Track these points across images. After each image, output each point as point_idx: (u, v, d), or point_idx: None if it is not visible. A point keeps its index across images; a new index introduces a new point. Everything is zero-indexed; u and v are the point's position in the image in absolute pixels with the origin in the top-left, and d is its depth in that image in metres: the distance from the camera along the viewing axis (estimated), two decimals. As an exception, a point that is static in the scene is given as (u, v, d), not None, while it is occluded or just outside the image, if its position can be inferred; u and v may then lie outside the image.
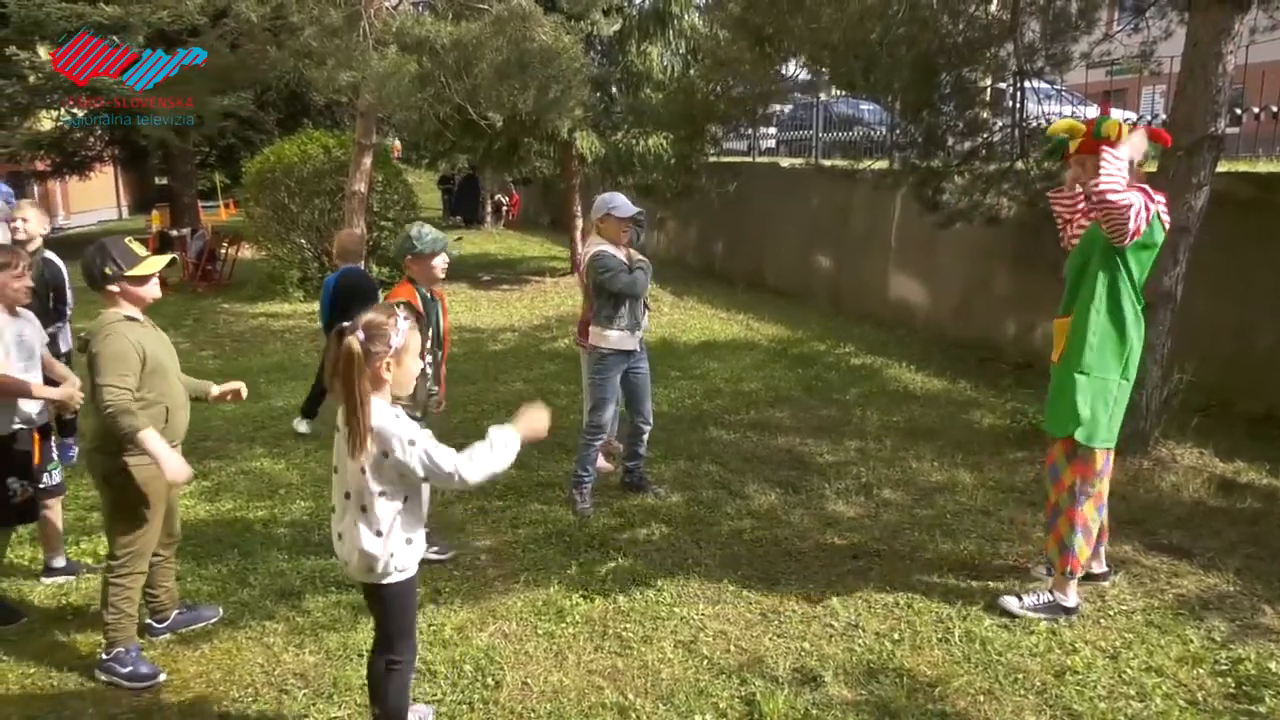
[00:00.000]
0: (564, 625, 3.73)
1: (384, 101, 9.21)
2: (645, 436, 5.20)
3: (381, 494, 2.56)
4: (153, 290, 3.42)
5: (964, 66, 6.87)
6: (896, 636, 3.64)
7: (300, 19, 8.69)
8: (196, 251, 13.66)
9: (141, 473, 3.28)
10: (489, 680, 3.34)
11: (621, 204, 4.81)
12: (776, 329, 10.01)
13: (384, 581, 2.65)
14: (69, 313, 5.50)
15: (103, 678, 3.35)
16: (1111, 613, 3.81)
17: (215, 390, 3.74)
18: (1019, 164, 7.04)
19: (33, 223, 5.16)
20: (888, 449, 5.93)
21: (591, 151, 12.53)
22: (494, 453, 2.61)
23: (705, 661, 3.47)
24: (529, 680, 3.35)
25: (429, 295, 4.36)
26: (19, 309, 3.86)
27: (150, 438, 3.17)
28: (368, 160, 10.63)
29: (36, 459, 3.96)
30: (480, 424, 6.49)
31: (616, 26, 11.60)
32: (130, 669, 3.35)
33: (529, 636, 3.66)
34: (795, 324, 10.16)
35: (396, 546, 2.62)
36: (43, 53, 16.39)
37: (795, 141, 13.91)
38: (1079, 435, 3.65)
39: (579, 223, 14.16)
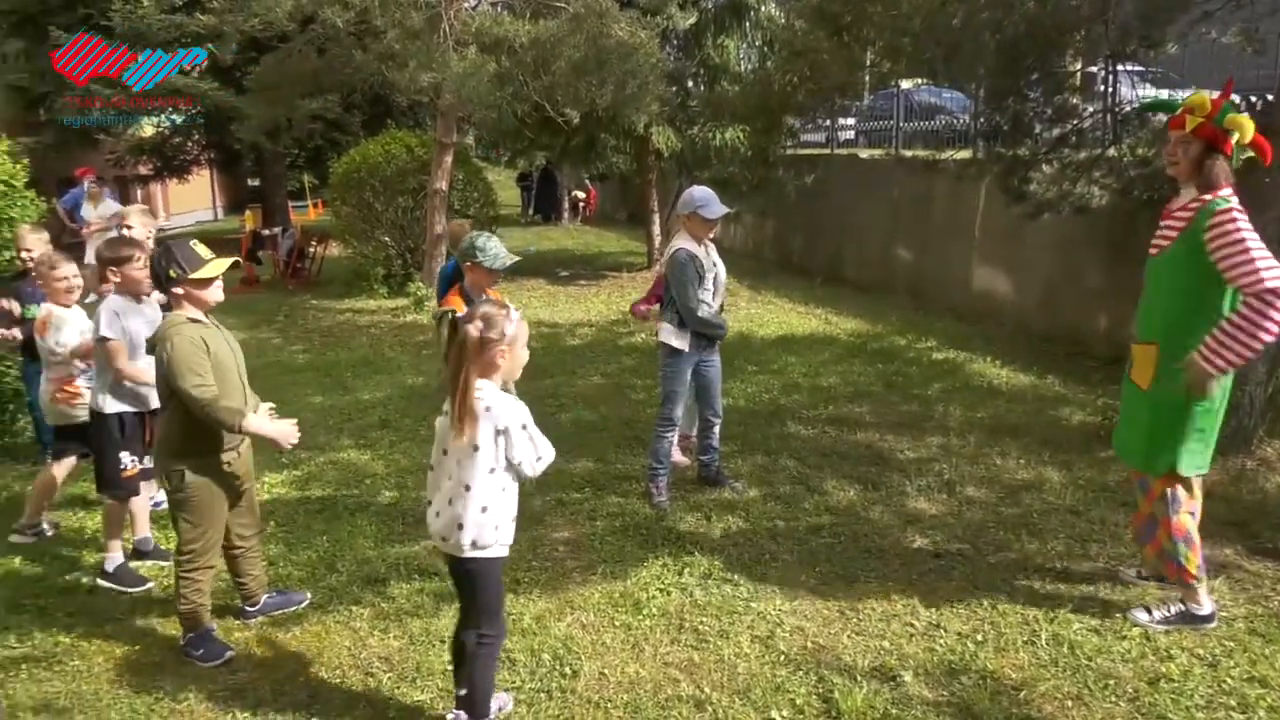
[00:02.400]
0: (641, 617, 3.76)
1: (464, 101, 9.38)
2: (715, 430, 5.17)
3: (490, 471, 2.73)
4: (216, 293, 3.48)
5: (1052, 50, 6.63)
6: (980, 637, 3.56)
7: (383, 23, 8.91)
8: (287, 250, 14.13)
9: (198, 477, 3.38)
10: (567, 669, 3.38)
11: (710, 204, 4.76)
12: (855, 323, 9.86)
13: (480, 555, 2.79)
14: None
15: (186, 657, 3.51)
16: (1211, 622, 3.65)
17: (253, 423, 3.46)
18: (1111, 151, 6.78)
19: (137, 229, 5.43)
20: (971, 446, 5.79)
21: (668, 146, 12.53)
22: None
23: (782, 657, 3.45)
24: (606, 671, 3.38)
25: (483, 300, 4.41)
26: (144, 297, 4.11)
27: (252, 422, 3.35)
28: (449, 159, 10.84)
29: (148, 440, 4.18)
30: (558, 418, 6.58)
31: (692, 20, 11.56)
32: (204, 650, 3.51)
33: (606, 628, 3.69)
34: (875, 318, 9.98)
35: (499, 521, 2.79)
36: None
37: (875, 132, 13.66)
38: (1183, 469, 3.44)
39: (656, 218, 14.19)
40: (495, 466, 2.74)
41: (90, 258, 8.16)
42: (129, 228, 5.43)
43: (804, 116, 9.85)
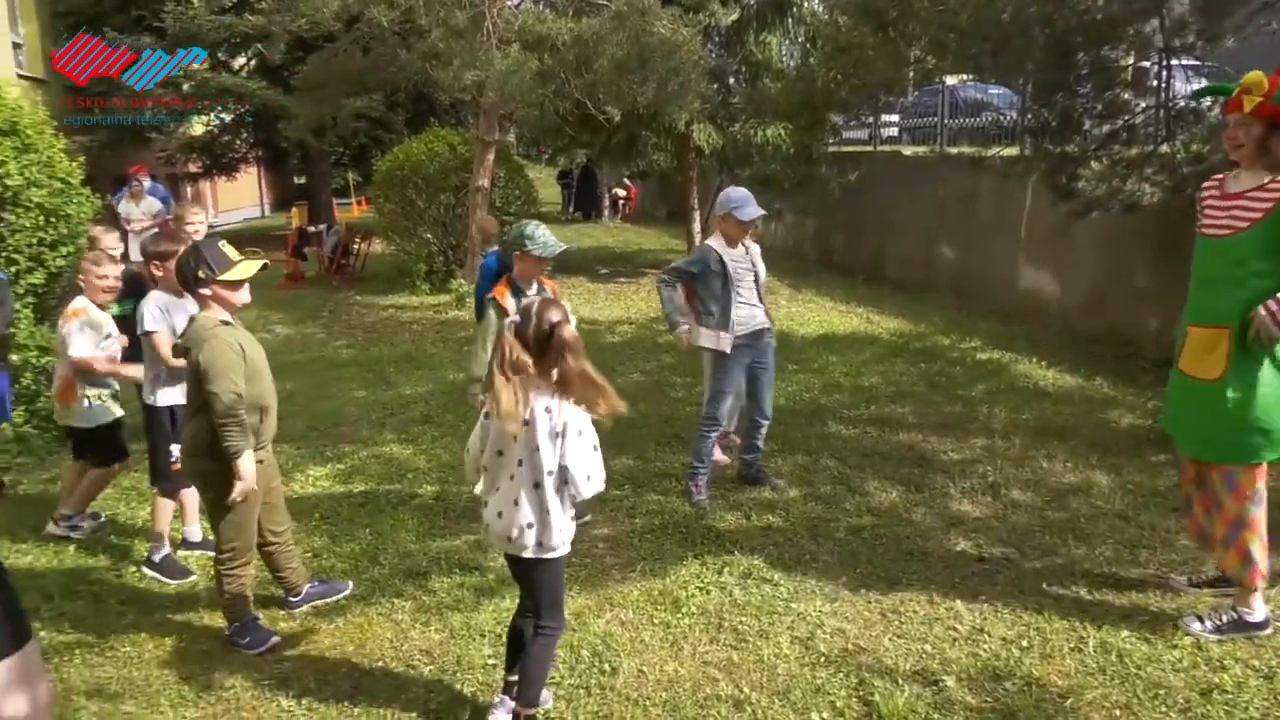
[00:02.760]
0: (680, 616, 3.75)
1: (506, 99, 9.44)
2: (764, 431, 5.16)
3: (550, 473, 2.73)
4: (244, 295, 3.49)
5: (1104, 45, 6.50)
6: (1025, 643, 3.49)
7: (428, 21, 8.99)
8: (331, 247, 14.32)
9: (231, 476, 3.40)
10: (606, 666, 3.39)
11: (745, 205, 4.73)
12: (898, 322, 9.75)
13: (546, 557, 2.80)
14: None
15: (232, 645, 3.58)
16: (1265, 629, 3.55)
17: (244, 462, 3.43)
18: (1164, 147, 6.63)
19: (199, 226, 5.60)
20: (1016, 448, 5.70)
21: (709, 143, 12.49)
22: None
23: (822, 659, 3.43)
24: (645, 668, 3.38)
25: (533, 290, 4.40)
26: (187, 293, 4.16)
27: (247, 460, 3.34)
28: (490, 156, 10.92)
29: None
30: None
31: (734, 16, 11.51)
32: (249, 638, 3.57)
33: (645, 625, 3.69)
34: (917, 317, 9.87)
35: (562, 523, 2.80)
36: (195, 63, 17.51)
37: (919, 129, 13.49)
38: (1269, 456, 3.33)
39: (696, 215, 14.15)
40: (554, 469, 2.73)
41: (136, 255, 8.34)
42: (190, 224, 5.56)
43: (847, 113, 9.78)
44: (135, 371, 4.36)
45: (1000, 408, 6.52)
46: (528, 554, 2.81)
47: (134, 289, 4.71)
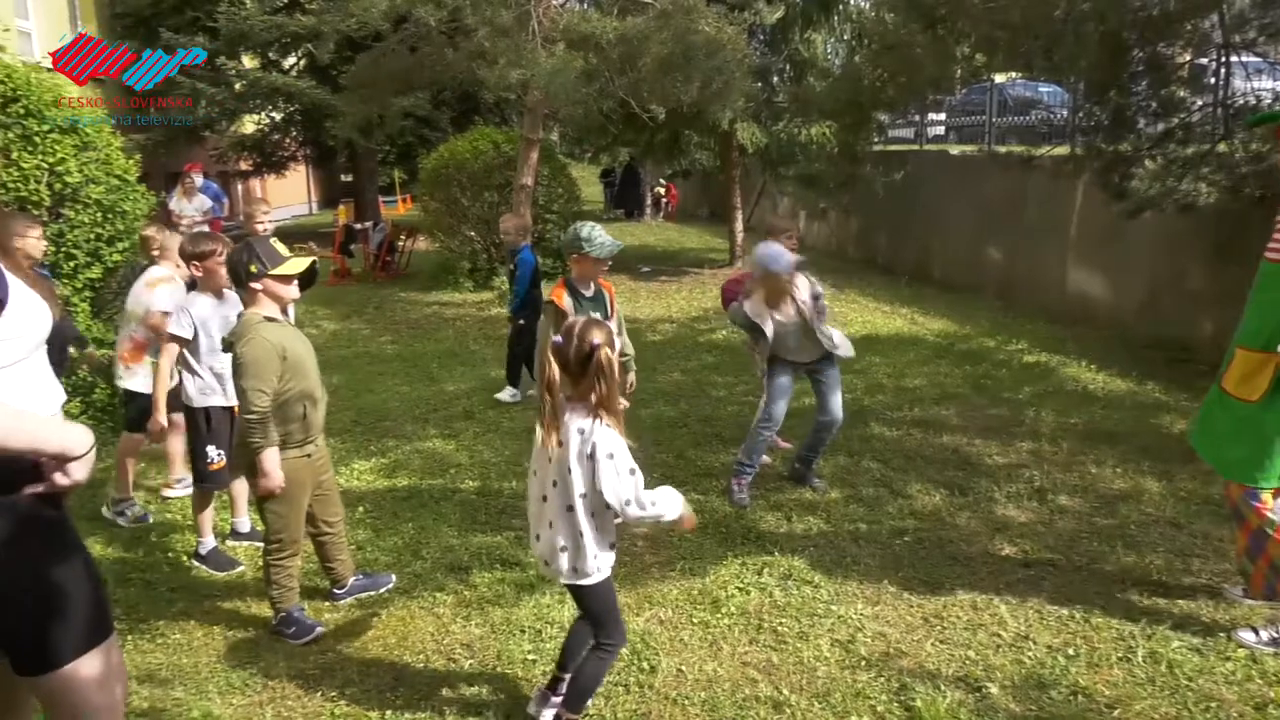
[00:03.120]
0: (719, 616, 3.74)
1: (551, 97, 9.48)
2: (828, 436, 5.04)
3: (582, 496, 2.66)
4: (292, 291, 3.52)
5: (1160, 41, 6.36)
6: (1071, 652, 3.43)
7: (474, 21, 9.06)
8: (377, 244, 14.50)
9: (285, 465, 3.46)
10: (645, 665, 3.39)
11: (780, 258, 4.69)
12: (942, 324, 9.63)
13: (581, 583, 2.76)
14: None
15: (277, 635, 3.64)
16: (1323, 641, 3.45)
17: (268, 459, 3.47)
18: (1221, 146, 6.46)
19: (268, 226, 5.78)
20: (1064, 452, 5.60)
21: (752, 142, 12.44)
22: (667, 503, 2.72)
23: (863, 662, 3.40)
24: (684, 668, 3.38)
25: (591, 292, 4.44)
26: (224, 292, 4.22)
27: (268, 457, 3.37)
28: (534, 155, 10.97)
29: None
30: (638, 413, 6.59)
31: (779, 14, 11.43)
32: (294, 628, 3.63)
33: (684, 624, 3.69)
34: (962, 319, 9.74)
35: (596, 550, 2.73)
36: (247, 62, 17.89)
37: (966, 127, 13.32)
38: None
39: (739, 215, 14.10)
40: (587, 492, 2.66)
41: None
42: (259, 222, 5.72)
43: (894, 112, 9.66)
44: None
45: (1047, 411, 6.40)
46: (563, 579, 2.77)
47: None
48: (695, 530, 2.84)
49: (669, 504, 2.72)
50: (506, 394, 7.05)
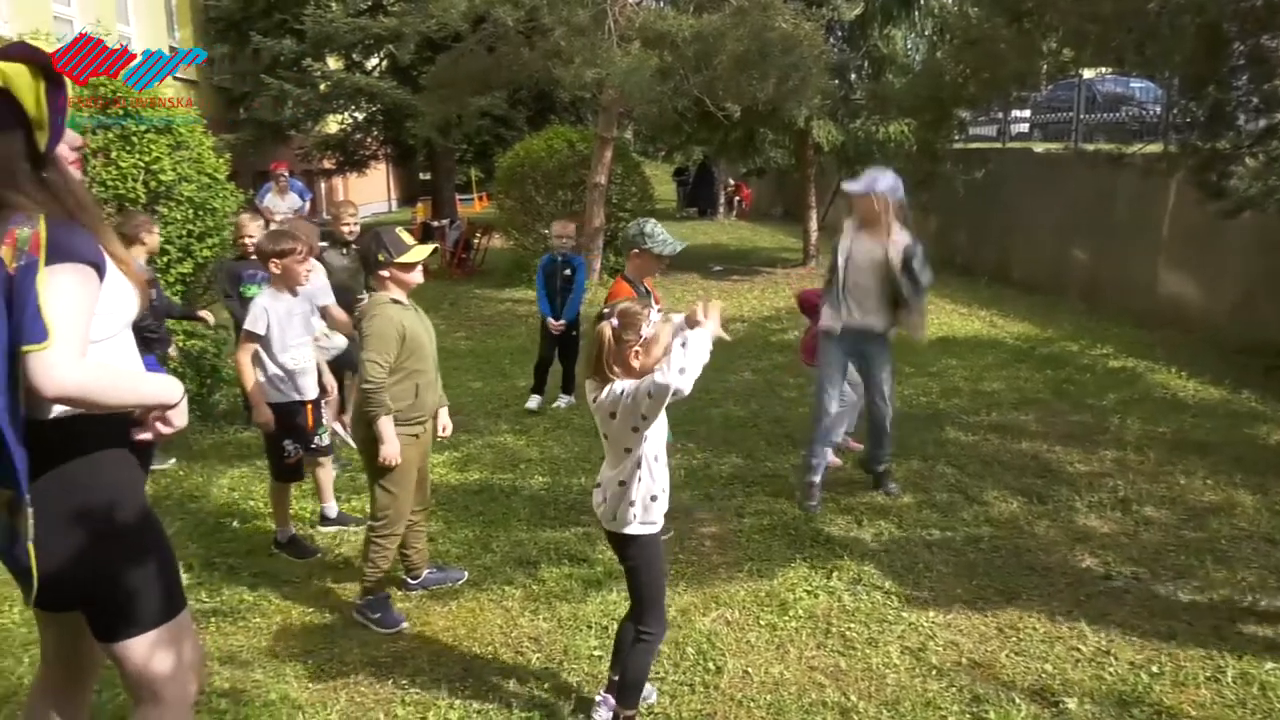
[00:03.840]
0: (786, 618, 3.70)
1: (626, 96, 9.51)
2: (881, 424, 4.90)
3: (626, 450, 2.76)
4: (416, 276, 3.70)
5: (1263, 33, 6.06)
6: (1155, 669, 3.30)
7: (551, 20, 9.14)
8: (453, 241, 14.77)
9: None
10: (710, 665, 3.38)
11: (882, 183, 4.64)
12: (1023, 326, 9.37)
13: (625, 530, 2.81)
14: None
15: (358, 619, 3.71)
16: None
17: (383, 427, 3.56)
18: (1329, 144, 6.14)
19: (351, 224, 6.03)
20: (1151, 462, 5.39)
21: (828, 140, 12.29)
22: (690, 353, 2.64)
23: (934, 671, 3.32)
24: (750, 669, 3.35)
25: (643, 291, 4.46)
26: (300, 290, 4.36)
27: (385, 424, 3.49)
28: (608, 153, 11.03)
29: (310, 425, 4.48)
30: (708, 412, 6.58)
31: (859, 10, 11.27)
32: (380, 615, 3.70)
33: (751, 626, 3.66)
34: (1044, 322, 9.45)
35: (639, 497, 2.79)
36: (332, 63, 18.40)
37: (1052, 125, 12.93)
38: None
39: (813, 213, 13.95)
40: (630, 445, 2.76)
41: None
42: (345, 224, 5.94)
43: (976, 109, 9.44)
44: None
45: (1133, 419, 6.17)
46: (611, 526, 2.86)
47: None
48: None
49: (697, 348, 2.67)
50: (561, 401, 6.97)
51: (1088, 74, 11.14)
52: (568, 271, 6.89)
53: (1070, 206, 10.80)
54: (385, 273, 3.62)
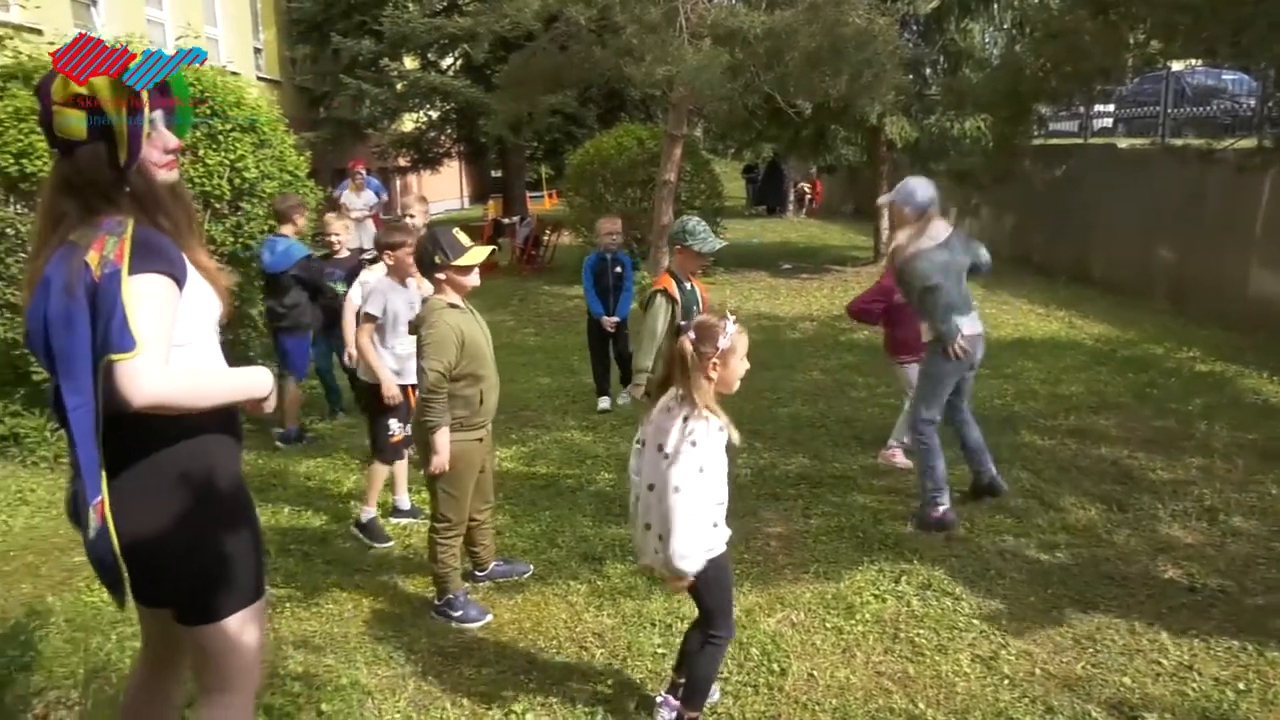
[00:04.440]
0: (853, 622, 3.65)
1: (696, 93, 9.48)
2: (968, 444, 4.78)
3: (675, 490, 2.64)
4: (473, 279, 3.66)
5: (1368, 23, 5.74)
6: (1242, 686, 3.16)
7: (623, 18, 9.16)
8: (523, 238, 14.93)
9: (454, 448, 3.58)
10: (775, 666, 3.35)
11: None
12: (1103, 328, 9.07)
13: (682, 569, 2.73)
14: None
15: (438, 619, 3.76)
16: None
17: (440, 437, 3.60)
18: None
19: (417, 218, 6.13)
20: (1239, 470, 5.16)
21: (901, 136, 12.08)
22: (691, 537, 2.65)
23: (1006, 681, 3.24)
24: (815, 672, 3.32)
25: (689, 287, 4.51)
26: (410, 281, 4.54)
27: (440, 436, 3.51)
28: (678, 151, 11.00)
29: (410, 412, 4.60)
30: (775, 411, 6.54)
31: (934, 4, 11.04)
32: (461, 612, 3.74)
33: (816, 629, 3.62)
34: (1126, 323, 9.14)
35: (699, 532, 2.70)
36: (408, 63, 18.77)
37: (1137, 119, 12.48)
38: None
39: (885, 212, 13.72)
40: (680, 484, 2.64)
41: (354, 242, 9.06)
42: (411, 216, 6.11)
43: (1057, 104, 9.16)
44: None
45: (1221, 425, 5.92)
46: (671, 570, 2.79)
47: (355, 273, 5.21)
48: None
49: (693, 539, 2.65)
50: (621, 398, 6.87)
51: (1176, 66, 10.72)
52: (618, 269, 6.90)
53: (1156, 204, 10.42)
54: (441, 275, 3.59)
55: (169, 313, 1.92)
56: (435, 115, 20.14)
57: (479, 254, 3.65)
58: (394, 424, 4.52)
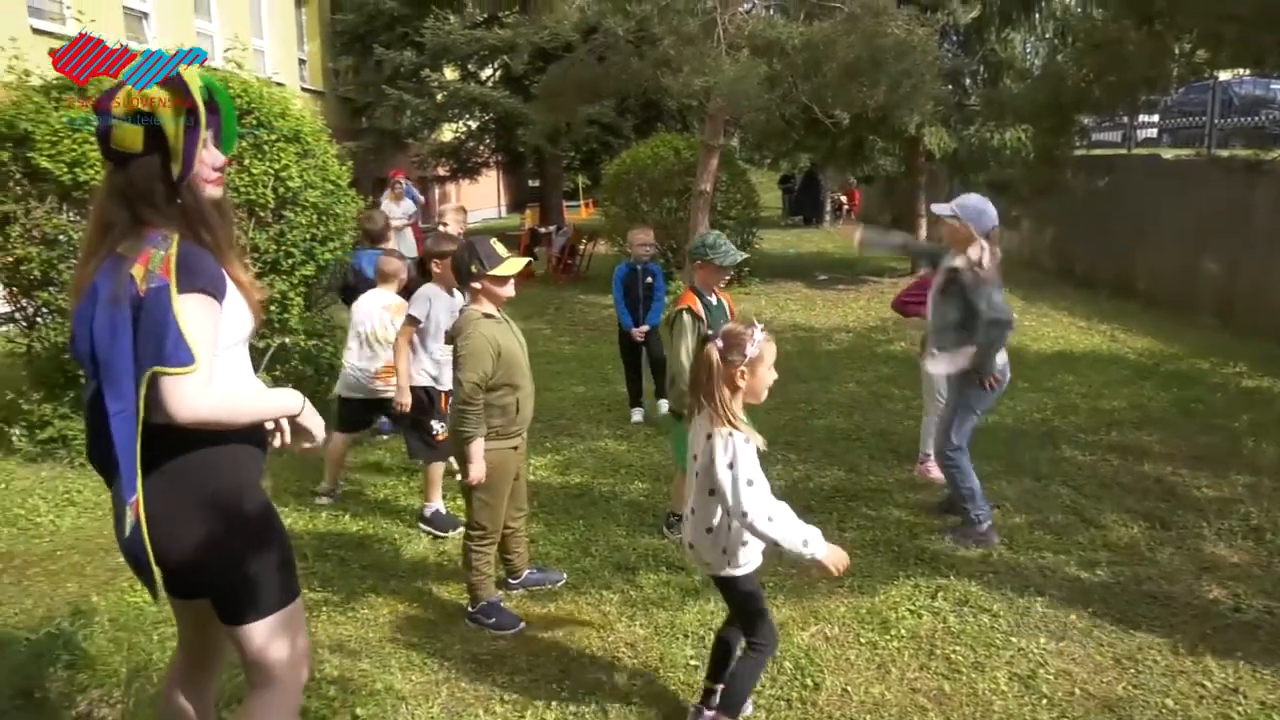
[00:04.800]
0: (888, 638, 3.62)
1: (733, 104, 9.49)
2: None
3: (710, 493, 2.68)
4: (508, 290, 3.69)
5: None
6: (1290, 711, 3.09)
7: (661, 30, 9.20)
8: (559, 247, 15.02)
9: (490, 456, 3.62)
10: (808, 681, 3.33)
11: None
12: (1147, 341, 8.91)
13: (720, 574, 2.80)
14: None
15: (473, 625, 3.78)
16: None
17: (475, 449, 3.68)
18: None
19: (451, 226, 6.17)
20: (1288, 489, 5.04)
21: (940, 147, 11.99)
22: (791, 531, 2.62)
23: (1044, 700, 3.19)
24: (849, 688, 3.29)
25: (714, 300, 4.50)
26: (455, 289, 4.62)
27: (475, 447, 3.55)
28: (714, 161, 11.01)
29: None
30: (810, 423, 6.49)
31: (975, 14, 10.97)
32: (495, 619, 3.76)
33: (851, 643, 3.59)
34: (1170, 337, 8.97)
35: (726, 545, 2.76)
36: (448, 73, 18.99)
37: (1182, 130, 12.27)
38: None
39: (923, 222, 13.60)
40: (715, 489, 2.68)
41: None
42: (444, 224, 6.18)
43: (1100, 114, 9.04)
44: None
45: (1269, 442, 5.79)
46: (707, 571, 2.88)
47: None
48: (842, 572, 2.72)
49: (798, 535, 2.61)
50: (661, 406, 6.83)
51: (1224, 76, 10.53)
52: (649, 280, 6.84)
53: (1202, 215, 10.22)
54: (478, 284, 3.60)
55: (213, 331, 1.99)
56: (474, 125, 20.34)
57: (515, 264, 3.65)
58: (436, 425, 4.68)
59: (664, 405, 6.91)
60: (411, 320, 4.61)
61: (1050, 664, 3.41)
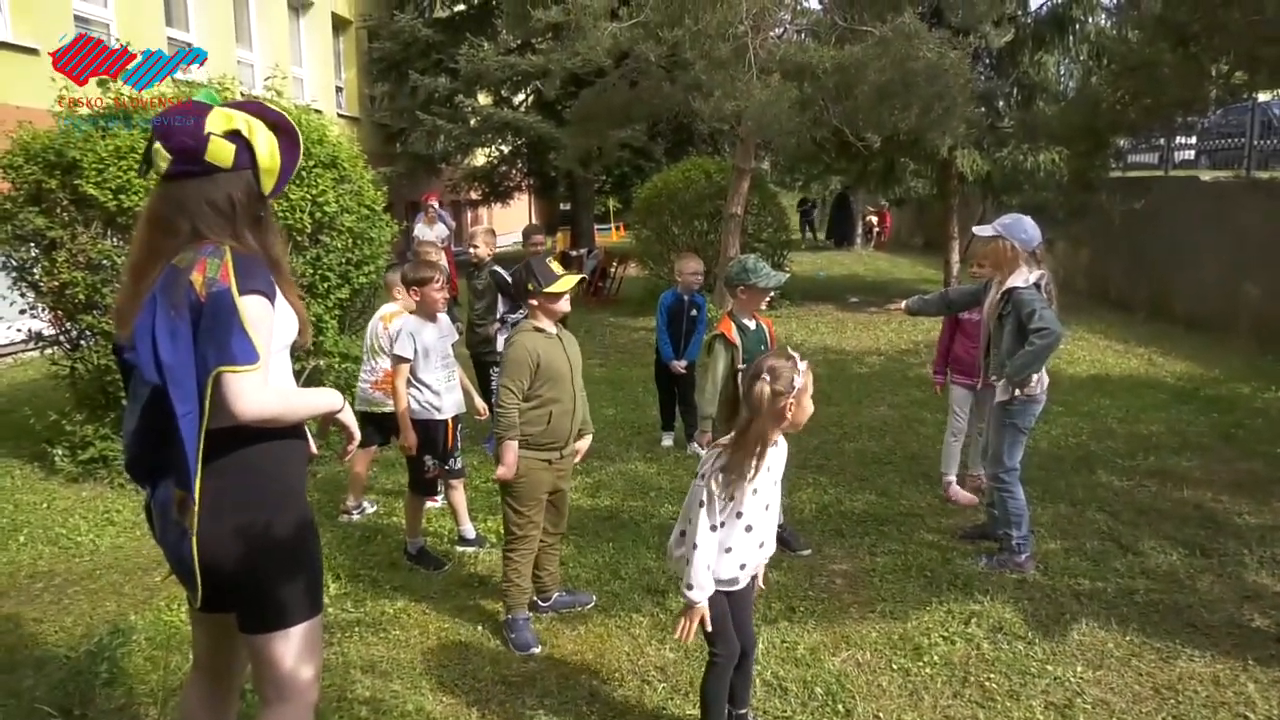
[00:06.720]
0: (920, 664, 3.58)
1: (764, 127, 9.52)
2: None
3: (701, 504, 2.74)
4: (563, 305, 3.87)
5: None
6: (1337, 745, 3.01)
7: (693, 55, 9.27)
8: (590, 269, 15.10)
9: (524, 465, 3.73)
10: (839, 707, 3.30)
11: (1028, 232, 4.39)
12: (1185, 365, 8.77)
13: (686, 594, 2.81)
14: (501, 311, 6.43)
15: (507, 634, 3.83)
16: None
17: (508, 450, 3.80)
18: None
19: (481, 248, 6.24)
20: (1334, 517, 4.93)
21: (973, 170, 11.93)
22: (696, 572, 2.75)
23: (1081, 731, 3.13)
24: (880, 714, 3.25)
25: (752, 325, 4.52)
26: (438, 315, 4.63)
27: (509, 447, 3.69)
28: (745, 184, 11.05)
29: (450, 443, 4.68)
30: (841, 446, 6.46)
31: (1008, 37, 10.93)
32: (514, 635, 3.80)
33: (882, 669, 3.56)
34: (1210, 361, 8.82)
35: (700, 564, 2.77)
36: (482, 99, 19.26)
37: (1220, 151, 12.12)
38: None
39: (955, 245, 13.53)
40: (705, 503, 2.74)
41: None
42: (475, 248, 6.26)
43: (1135, 136, 8.97)
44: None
45: (1314, 470, 5.67)
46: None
47: None
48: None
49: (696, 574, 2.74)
50: (690, 447, 6.67)
51: (1263, 97, 10.41)
52: (693, 312, 6.76)
53: (1241, 238, 10.07)
54: (534, 301, 3.80)
55: (269, 332, 2.08)
56: (507, 150, 20.59)
57: (568, 282, 3.84)
58: (428, 460, 4.61)
59: (693, 445, 6.86)
60: (399, 360, 4.51)
61: (1087, 693, 3.35)
